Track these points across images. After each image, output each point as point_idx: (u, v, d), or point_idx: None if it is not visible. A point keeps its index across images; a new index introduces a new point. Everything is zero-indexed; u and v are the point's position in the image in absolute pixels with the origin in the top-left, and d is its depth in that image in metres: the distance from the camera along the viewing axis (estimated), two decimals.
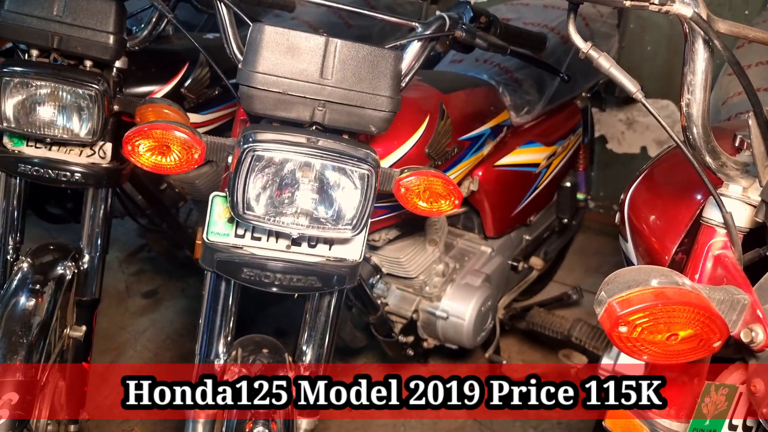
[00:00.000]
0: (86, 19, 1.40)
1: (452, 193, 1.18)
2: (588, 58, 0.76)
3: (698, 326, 0.63)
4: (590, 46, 0.75)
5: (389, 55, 1.04)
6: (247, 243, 1.14)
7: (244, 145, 0.99)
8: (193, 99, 1.77)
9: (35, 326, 1.44)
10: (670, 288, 0.63)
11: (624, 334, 0.61)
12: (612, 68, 0.77)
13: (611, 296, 0.63)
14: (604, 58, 0.76)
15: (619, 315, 0.61)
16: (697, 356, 0.66)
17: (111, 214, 1.63)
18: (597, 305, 0.64)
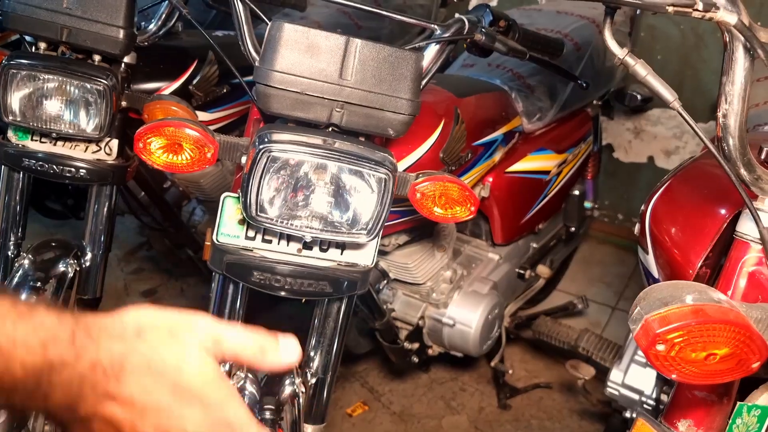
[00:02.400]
0: (96, 13, 1.38)
1: (468, 199, 1.15)
2: (624, 64, 0.74)
3: (737, 346, 0.61)
4: (626, 52, 0.73)
5: (410, 57, 1.01)
6: (258, 245, 1.11)
7: (260, 145, 0.97)
8: (201, 97, 1.75)
9: None
10: (709, 306, 0.61)
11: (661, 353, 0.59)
12: (649, 76, 0.74)
13: (648, 313, 0.60)
14: (641, 65, 0.74)
15: (657, 333, 0.59)
16: (735, 377, 0.64)
17: (115, 212, 1.61)
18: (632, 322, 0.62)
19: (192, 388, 0.56)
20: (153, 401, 0.55)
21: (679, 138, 2.73)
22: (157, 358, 0.56)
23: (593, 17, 2.08)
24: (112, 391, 0.54)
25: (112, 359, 0.54)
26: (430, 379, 2.24)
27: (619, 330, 2.48)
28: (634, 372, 1.52)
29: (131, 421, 0.55)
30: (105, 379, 0.54)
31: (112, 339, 0.55)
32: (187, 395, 0.56)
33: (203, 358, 0.57)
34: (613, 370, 1.54)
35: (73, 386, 0.53)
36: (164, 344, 0.56)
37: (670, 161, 2.80)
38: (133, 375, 0.54)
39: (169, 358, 0.56)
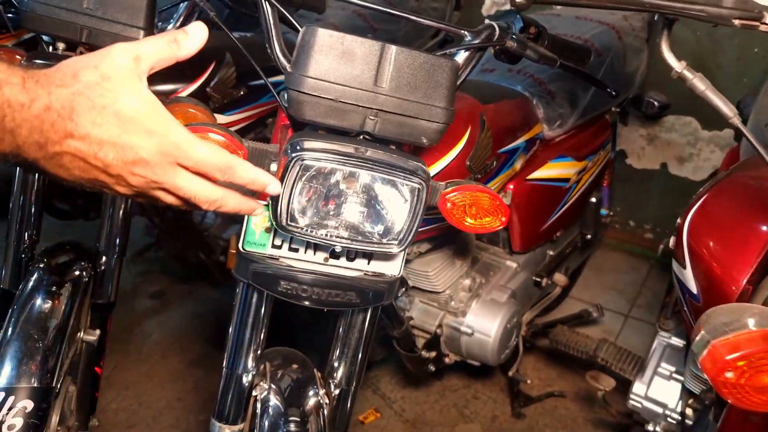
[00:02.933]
0: (117, 13, 1.35)
1: (499, 209, 1.13)
2: (682, 78, 0.71)
3: None
4: (684, 65, 0.70)
5: (446, 64, 0.99)
6: (284, 254, 1.09)
7: (292, 153, 0.94)
8: (218, 99, 1.72)
9: (51, 330, 1.39)
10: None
11: (730, 380, 0.56)
12: (708, 90, 0.72)
13: (715, 338, 0.58)
14: (699, 79, 0.71)
15: (727, 360, 0.56)
16: None
17: (130, 215, 1.58)
18: (697, 347, 0.59)
19: (134, 119, 0.66)
20: (105, 134, 0.64)
21: (693, 145, 2.71)
22: (97, 96, 0.64)
23: (612, 23, 2.06)
24: (69, 129, 0.63)
25: (62, 103, 0.63)
26: (443, 387, 2.22)
27: (633, 338, 2.46)
28: (657, 385, 1.49)
29: (93, 153, 0.65)
30: (61, 120, 0.63)
31: (57, 86, 0.63)
32: (132, 126, 0.66)
33: (135, 89, 0.66)
34: (635, 383, 1.52)
35: (34, 125, 0.61)
36: (99, 83, 0.65)
37: (683, 168, 2.78)
38: (82, 115, 0.63)
39: (107, 95, 0.65)
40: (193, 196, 0.73)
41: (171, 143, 0.68)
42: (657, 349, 1.54)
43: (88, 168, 0.66)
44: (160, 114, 0.68)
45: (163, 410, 2.13)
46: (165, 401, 2.16)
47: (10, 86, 0.60)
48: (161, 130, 0.68)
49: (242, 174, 0.78)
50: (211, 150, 0.73)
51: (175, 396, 2.18)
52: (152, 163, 0.68)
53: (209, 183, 0.74)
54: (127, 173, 0.67)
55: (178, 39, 0.73)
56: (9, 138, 0.62)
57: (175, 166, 0.70)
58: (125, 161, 0.66)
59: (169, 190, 0.72)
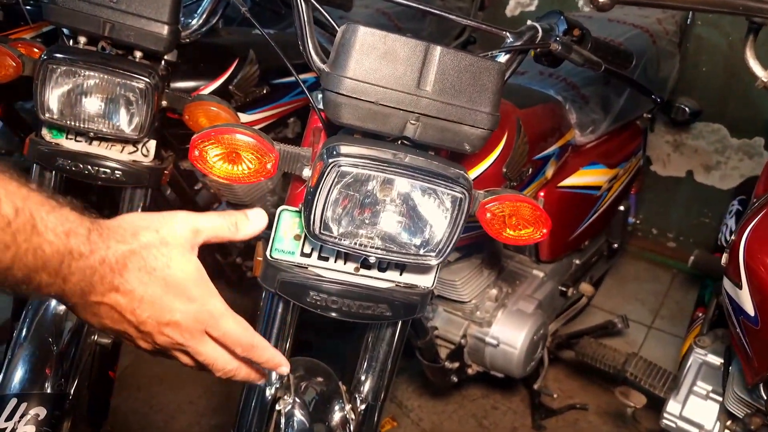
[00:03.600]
0: (141, 7, 1.30)
1: (540, 219, 1.07)
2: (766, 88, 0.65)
3: None
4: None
5: (493, 67, 0.93)
6: (314, 263, 1.03)
7: (329, 159, 0.89)
8: (240, 97, 1.67)
9: (66, 333, 1.34)
10: None
11: None
12: None
13: None
14: None
15: None
16: None
17: None
18: None
19: (179, 285, 0.70)
20: (148, 293, 0.68)
21: (721, 153, 2.64)
22: (151, 257, 0.68)
23: (646, 26, 2.00)
24: (116, 283, 0.67)
25: (117, 257, 0.66)
26: (462, 396, 2.16)
27: (656, 350, 2.39)
28: (693, 404, 1.43)
29: (131, 309, 0.68)
30: (111, 273, 0.66)
31: (116, 241, 0.67)
32: (175, 290, 0.69)
33: (187, 258, 0.71)
34: (670, 401, 1.46)
35: (86, 275, 0.64)
36: (155, 246, 0.69)
37: (710, 176, 2.71)
38: (132, 272, 0.67)
39: (161, 258, 0.69)
40: (212, 363, 0.76)
41: (206, 312, 0.72)
42: (692, 366, 1.48)
43: (120, 321, 0.70)
44: (204, 284, 0.72)
45: (175, 414, 2.08)
46: (176, 404, 2.11)
47: (76, 236, 0.63)
48: (201, 298, 0.71)
49: (261, 354, 0.79)
50: (239, 326, 0.76)
51: (187, 399, 2.14)
52: (183, 326, 0.71)
53: (228, 354, 0.77)
54: (157, 332, 0.71)
55: (239, 223, 0.79)
56: (59, 283, 0.64)
57: (203, 334, 0.73)
58: (159, 321, 0.70)
59: (191, 354, 0.74)
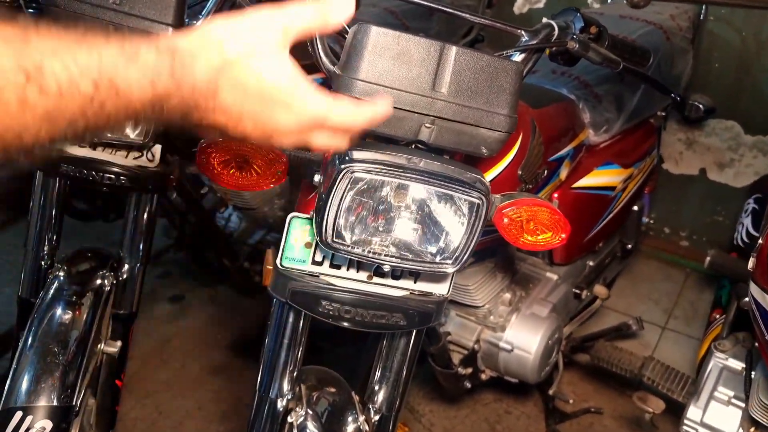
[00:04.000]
0: (144, 9, 1.27)
1: (559, 224, 1.04)
2: None
3: None
4: None
5: (510, 68, 0.90)
6: (325, 271, 1.00)
7: (341, 165, 0.85)
8: None
9: (72, 343, 1.31)
10: None
11: None
12: None
13: None
14: None
15: None
16: None
17: (155, 221, 1.50)
18: None
19: (274, 95, 0.67)
20: (246, 109, 0.67)
21: (735, 150, 2.60)
22: (242, 74, 0.65)
23: (660, 22, 1.96)
24: (212, 105, 0.65)
25: (207, 82, 0.64)
26: (474, 400, 2.13)
27: (671, 352, 2.35)
28: (714, 410, 1.40)
29: (233, 124, 0.68)
30: (204, 99, 0.65)
31: (202, 66, 0.64)
32: (272, 101, 0.67)
33: (279, 64, 0.67)
34: (690, 407, 1.42)
35: (182, 106, 0.64)
36: (244, 59, 0.65)
37: (723, 174, 2.67)
38: (224, 91, 0.65)
39: (251, 72, 0.66)
40: (326, 148, 0.75)
41: (308, 116, 0.70)
42: (713, 371, 1.44)
43: (227, 134, 0.70)
44: (299, 87, 0.68)
45: (184, 420, 2.05)
46: (185, 411, 2.08)
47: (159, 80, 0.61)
48: (300, 102, 0.69)
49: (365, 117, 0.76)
50: (349, 110, 0.73)
51: (196, 405, 2.11)
52: (289, 132, 0.70)
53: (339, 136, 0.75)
54: (266, 140, 0.71)
55: (327, 12, 0.70)
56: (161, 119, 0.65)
57: (311, 132, 0.72)
58: (264, 132, 0.69)
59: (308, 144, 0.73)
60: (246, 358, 2.31)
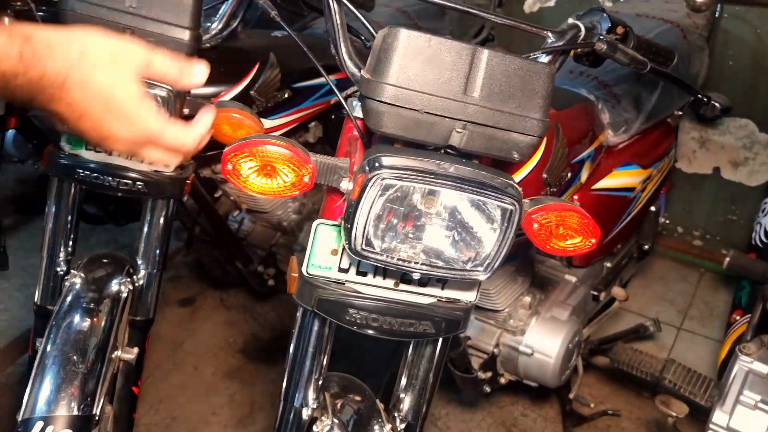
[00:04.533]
0: (162, 12, 1.25)
1: (588, 228, 1.02)
2: None
3: None
4: None
5: (543, 71, 0.88)
6: (351, 278, 0.99)
7: (372, 171, 0.83)
8: (262, 102, 1.62)
9: (91, 351, 1.30)
10: None
11: None
12: None
13: None
14: None
15: None
16: None
17: (171, 227, 1.49)
18: None
19: (121, 109, 0.75)
20: (89, 110, 0.73)
21: (749, 149, 2.58)
22: (95, 79, 0.73)
23: (677, 20, 1.94)
24: (57, 95, 0.72)
25: (56, 73, 0.71)
26: (489, 403, 2.11)
27: (688, 353, 2.33)
28: (741, 414, 1.38)
29: (74, 119, 0.75)
30: (51, 87, 0.71)
31: (56, 58, 0.70)
32: (116, 113, 0.75)
33: (133, 84, 0.75)
34: (716, 411, 1.40)
35: (29, 88, 0.70)
36: (103, 68, 0.73)
37: (737, 173, 2.65)
38: (73, 87, 0.72)
39: (105, 82, 0.73)
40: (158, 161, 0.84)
41: (143, 132, 0.78)
42: (738, 374, 1.42)
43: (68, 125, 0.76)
44: (142, 107, 0.77)
45: (198, 425, 2.04)
46: (199, 416, 2.07)
47: (7, 59, 0.68)
48: (141, 119, 0.77)
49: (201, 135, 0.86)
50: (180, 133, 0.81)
51: (210, 410, 2.09)
52: (123, 141, 0.78)
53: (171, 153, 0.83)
54: (99, 141, 0.78)
55: (184, 73, 0.81)
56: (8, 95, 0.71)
57: (145, 145, 0.80)
58: (100, 135, 0.77)
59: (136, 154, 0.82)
60: (258, 362, 2.30)
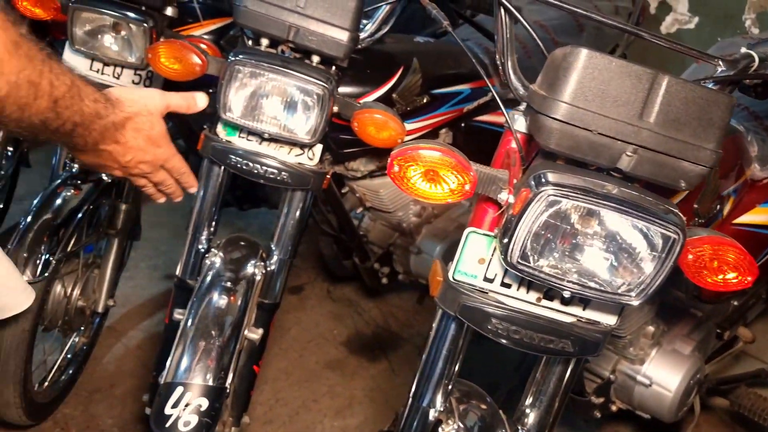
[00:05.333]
0: (326, 13, 1.31)
1: (745, 265, 0.98)
2: None
3: None
4: None
5: (723, 101, 0.86)
6: (495, 289, 1.00)
7: (539, 187, 0.85)
8: (402, 106, 1.66)
9: (227, 327, 1.38)
10: None
11: None
12: None
13: None
14: None
15: None
16: None
17: (307, 218, 1.55)
18: None
19: (155, 139, 1.05)
20: (136, 145, 1.02)
21: None
22: (141, 122, 1.02)
23: None
24: (117, 136, 0.99)
25: (120, 120, 0.98)
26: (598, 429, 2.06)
27: None
28: None
29: (123, 153, 1.01)
30: (115, 130, 0.98)
31: (120, 109, 0.98)
32: (152, 143, 1.04)
33: (161, 122, 1.06)
34: None
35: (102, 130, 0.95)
36: (144, 114, 1.02)
37: None
38: (128, 131, 1.00)
39: (146, 123, 1.03)
40: (162, 181, 1.12)
41: (166, 154, 1.08)
42: None
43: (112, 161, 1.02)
44: (167, 139, 1.07)
45: (299, 410, 2.11)
46: (301, 401, 2.14)
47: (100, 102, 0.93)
48: (165, 147, 1.07)
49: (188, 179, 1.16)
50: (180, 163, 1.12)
51: (311, 397, 2.16)
52: (151, 162, 1.06)
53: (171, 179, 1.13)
54: (134, 166, 1.04)
55: (191, 104, 1.15)
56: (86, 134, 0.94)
57: (161, 167, 1.09)
58: (139, 160, 1.04)
59: (149, 178, 1.10)
60: (360, 357, 2.35)
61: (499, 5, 1.01)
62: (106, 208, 1.83)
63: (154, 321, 2.36)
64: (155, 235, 2.79)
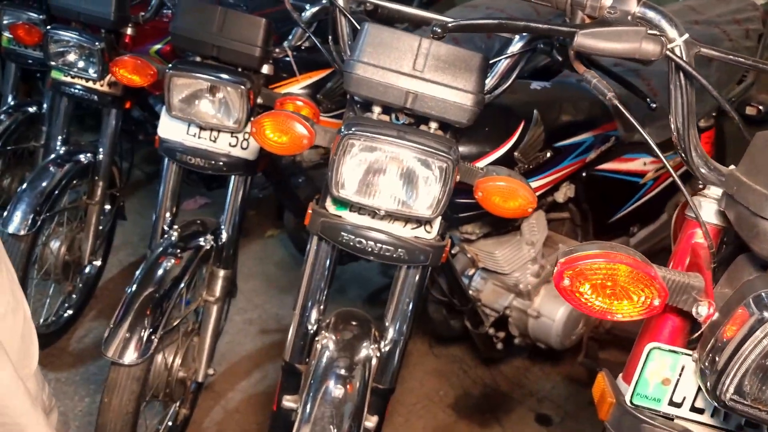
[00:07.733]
0: (446, 76, 1.17)
1: None
2: None
3: None
4: None
5: None
6: (684, 414, 0.82)
7: (764, 312, 0.67)
8: (524, 165, 1.50)
9: (346, 418, 1.28)
10: None
11: None
12: None
13: None
14: None
15: None
16: None
17: (422, 295, 1.41)
18: None
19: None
20: None
21: None
22: None
23: None
24: None
25: None
26: None
27: None
28: None
29: None
30: None
31: None
32: None
33: None
34: None
35: None
36: None
37: None
38: None
39: None
40: None
41: None
42: None
43: None
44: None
45: None
46: None
47: None
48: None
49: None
50: None
51: None
52: None
53: None
54: None
55: None
56: None
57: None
58: None
59: None
60: (471, 422, 2.18)
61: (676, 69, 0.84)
62: (203, 273, 1.78)
63: (252, 381, 2.28)
64: (248, 287, 2.73)
